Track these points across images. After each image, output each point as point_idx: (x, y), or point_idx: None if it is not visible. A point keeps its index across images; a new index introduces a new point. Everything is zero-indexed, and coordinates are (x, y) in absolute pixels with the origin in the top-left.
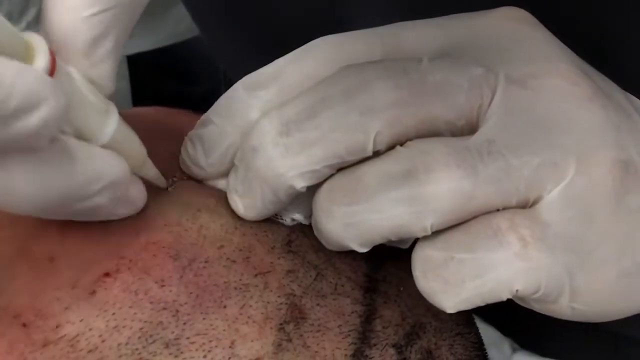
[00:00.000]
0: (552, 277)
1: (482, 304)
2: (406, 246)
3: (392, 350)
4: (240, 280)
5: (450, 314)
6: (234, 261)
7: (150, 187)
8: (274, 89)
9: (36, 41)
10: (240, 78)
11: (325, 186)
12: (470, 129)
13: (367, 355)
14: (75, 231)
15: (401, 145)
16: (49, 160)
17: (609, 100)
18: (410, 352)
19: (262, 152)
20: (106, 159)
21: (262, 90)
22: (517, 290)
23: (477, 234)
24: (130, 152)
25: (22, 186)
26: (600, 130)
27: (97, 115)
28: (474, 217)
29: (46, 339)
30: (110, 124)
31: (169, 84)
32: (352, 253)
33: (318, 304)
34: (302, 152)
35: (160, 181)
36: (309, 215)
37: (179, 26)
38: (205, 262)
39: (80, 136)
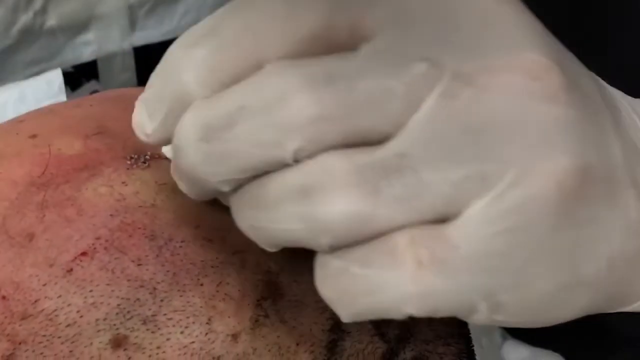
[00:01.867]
0: (450, 301)
1: (376, 318)
2: None
3: (369, 326)
4: (217, 258)
5: None
6: (210, 240)
7: (122, 168)
8: (208, 47)
9: None
10: None
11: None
12: None
13: (344, 330)
14: (53, 209)
15: None
16: None
17: (579, 97)
18: (388, 328)
19: (184, 154)
20: None
21: (197, 48)
22: (409, 313)
23: (374, 249)
24: None
25: None
26: (556, 133)
27: None
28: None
29: (25, 311)
30: None
31: None
32: None
33: (295, 281)
34: (221, 162)
35: None
36: None
37: (185, 19)
38: (182, 241)
39: None
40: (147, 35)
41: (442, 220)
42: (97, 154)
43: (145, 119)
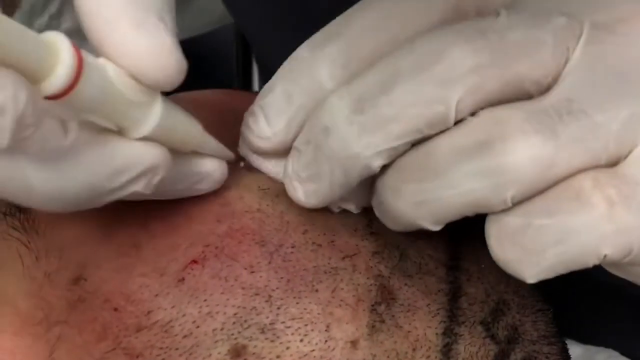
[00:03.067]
0: None
1: (565, 271)
2: None
3: (480, 328)
4: (329, 263)
5: (529, 291)
6: (319, 245)
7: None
8: (339, 44)
9: (59, 42)
10: (268, 58)
11: (394, 165)
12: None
13: (456, 333)
14: (158, 218)
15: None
16: (66, 157)
17: None
18: (497, 329)
19: (335, 132)
20: (137, 149)
21: (327, 47)
22: (605, 256)
23: (557, 196)
24: (180, 137)
25: (38, 184)
26: None
27: (135, 109)
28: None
29: (139, 323)
30: (150, 119)
31: (186, 76)
32: (430, 232)
33: (406, 284)
34: (379, 130)
35: (225, 154)
36: (359, 204)
37: (200, 19)
38: (292, 247)
39: (121, 130)
40: None
41: (612, 164)
42: None
43: (263, 124)
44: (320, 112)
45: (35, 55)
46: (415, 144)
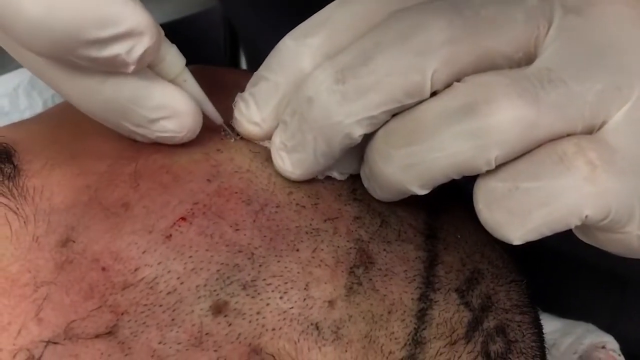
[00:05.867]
0: (622, 201)
1: (549, 233)
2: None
3: (455, 295)
4: (311, 225)
5: (504, 262)
6: (303, 207)
7: (216, 137)
8: (322, 34)
9: None
10: (254, 41)
11: (381, 131)
12: (527, 61)
13: (432, 299)
14: (147, 178)
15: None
16: None
17: None
18: (472, 297)
19: (317, 101)
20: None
21: (310, 38)
22: (586, 216)
23: (542, 161)
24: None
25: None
26: None
27: None
28: (538, 147)
29: (126, 281)
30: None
31: None
32: (411, 201)
33: (384, 250)
34: (359, 98)
35: (215, 116)
36: (344, 171)
37: (185, 1)
38: (277, 207)
39: None
40: None
41: (587, 133)
42: None
43: (253, 110)
44: (304, 84)
45: None
46: (395, 114)
